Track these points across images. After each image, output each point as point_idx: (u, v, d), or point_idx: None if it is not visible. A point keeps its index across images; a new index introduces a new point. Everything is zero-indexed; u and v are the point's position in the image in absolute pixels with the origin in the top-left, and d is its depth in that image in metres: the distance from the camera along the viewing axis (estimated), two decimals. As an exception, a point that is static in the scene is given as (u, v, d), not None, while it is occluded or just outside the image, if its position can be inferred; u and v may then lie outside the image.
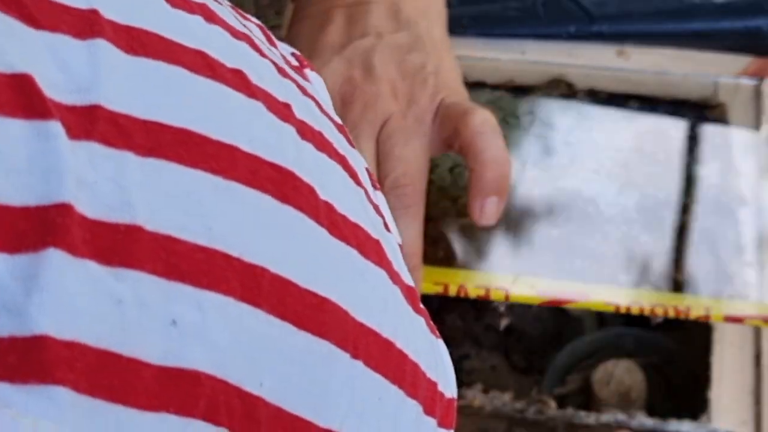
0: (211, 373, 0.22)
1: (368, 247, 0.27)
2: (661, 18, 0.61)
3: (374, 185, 0.31)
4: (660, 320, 0.54)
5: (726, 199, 0.55)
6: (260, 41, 0.27)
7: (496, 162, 0.46)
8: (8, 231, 0.19)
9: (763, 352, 0.53)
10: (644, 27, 0.61)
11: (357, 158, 0.30)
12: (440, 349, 0.32)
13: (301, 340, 0.24)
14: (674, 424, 0.53)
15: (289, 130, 0.25)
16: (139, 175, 0.21)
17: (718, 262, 0.53)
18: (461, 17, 0.62)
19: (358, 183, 0.29)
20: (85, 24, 0.22)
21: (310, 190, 0.25)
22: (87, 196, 0.20)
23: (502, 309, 0.56)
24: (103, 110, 0.21)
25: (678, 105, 0.59)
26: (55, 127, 0.20)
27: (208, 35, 0.24)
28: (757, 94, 0.59)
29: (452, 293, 0.51)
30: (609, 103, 0.59)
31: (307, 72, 0.30)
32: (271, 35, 0.29)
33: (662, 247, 0.54)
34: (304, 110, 0.27)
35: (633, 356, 0.57)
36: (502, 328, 0.58)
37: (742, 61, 0.60)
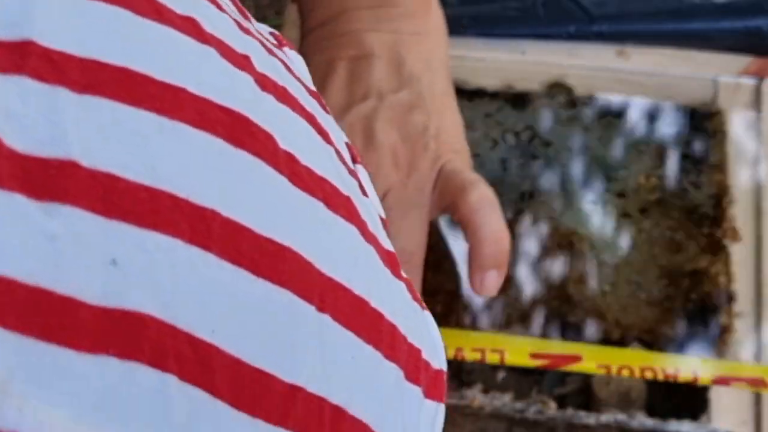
0: (157, 316, 0.21)
1: (337, 201, 0.26)
2: (661, 18, 0.61)
3: (354, 159, 0.30)
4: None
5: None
6: (228, 7, 0.27)
7: (494, 237, 0.47)
8: None
9: (764, 352, 0.53)
10: (644, 27, 0.61)
11: (332, 124, 0.29)
12: (426, 319, 0.32)
13: (259, 289, 0.23)
14: (674, 424, 0.53)
15: (246, 78, 0.25)
16: (74, 111, 0.21)
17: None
18: (461, 17, 0.62)
19: (329, 142, 0.28)
20: None
21: (267, 137, 0.24)
22: (16, 130, 0.20)
23: None
24: (35, 46, 0.20)
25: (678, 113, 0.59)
26: None
27: None
28: (758, 94, 0.59)
29: (449, 356, 0.52)
30: (608, 112, 0.60)
31: (286, 49, 0.30)
32: (247, 12, 0.28)
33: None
34: (268, 66, 0.26)
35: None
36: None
37: (742, 61, 0.60)
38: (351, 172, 0.29)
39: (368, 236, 0.28)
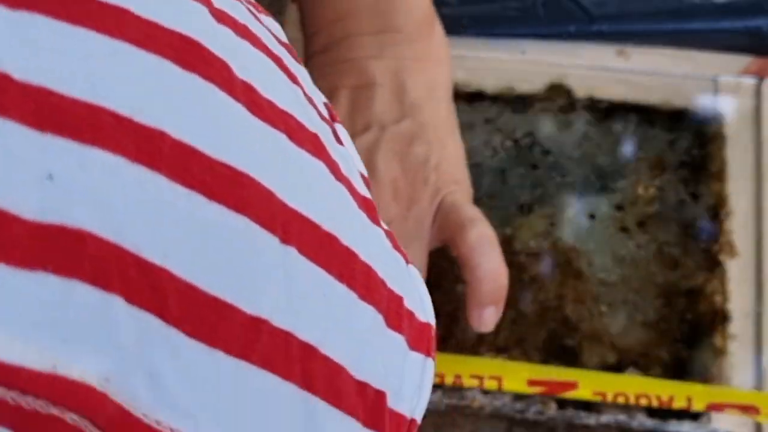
0: (99, 234, 0.21)
1: (302, 136, 0.26)
2: (661, 18, 0.61)
3: (333, 118, 0.30)
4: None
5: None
6: None
7: (492, 275, 0.48)
8: None
9: (764, 352, 0.53)
10: (644, 27, 0.61)
11: (304, 75, 0.29)
12: (412, 272, 0.31)
13: (214, 213, 0.22)
14: (674, 424, 0.53)
15: (200, 9, 0.24)
16: (5, 26, 0.20)
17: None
18: (461, 17, 0.62)
19: (296, 83, 0.27)
20: None
21: (223, 65, 0.24)
22: None
23: None
24: None
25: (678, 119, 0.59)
26: None
27: None
28: (758, 93, 0.59)
29: (448, 383, 0.53)
30: (609, 116, 0.59)
31: (262, 15, 0.29)
32: None
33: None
34: (228, 5, 0.25)
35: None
36: None
37: (743, 60, 0.60)
38: (324, 119, 0.29)
39: (339, 176, 0.28)
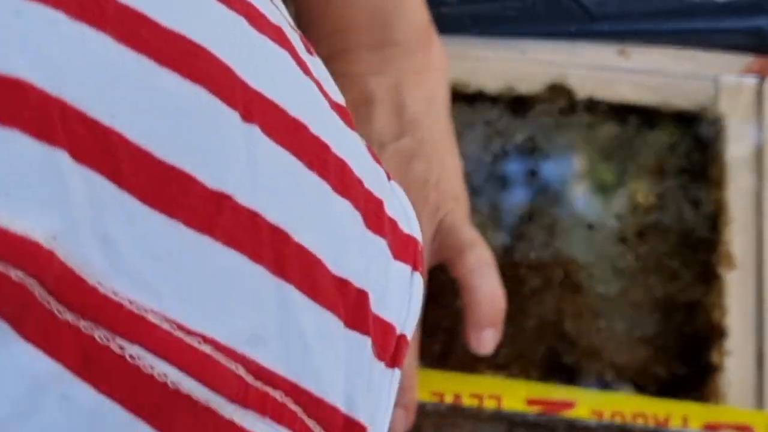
0: (39, 85, 0.20)
1: (263, 23, 0.25)
2: (661, 17, 0.61)
3: (308, 51, 0.29)
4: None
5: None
6: None
7: (490, 298, 0.49)
8: None
9: (765, 353, 0.53)
10: (645, 26, 0.61)
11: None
12: (394, 187, 0.31)
13: (166, 80, 0.22)
14: (675, 427, 0.53)
15: None
16: None
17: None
18: (461, 17, 0.61)
19: None
20: None
21: None
22: None
23: None
24: None
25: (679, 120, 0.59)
26: None
27: None
28: (759, 93, 0.59)
29: (448, 401, 0.53)
30: (609, 118, 0.59)
31: None
32: None
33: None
34: None
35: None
36: None
37: (744, 60, 0.60)
38: (293, 27, 0.28)
39: (308, 73, 0.27)
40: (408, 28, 0.53)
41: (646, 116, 0.59)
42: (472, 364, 0.52)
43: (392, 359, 0.30)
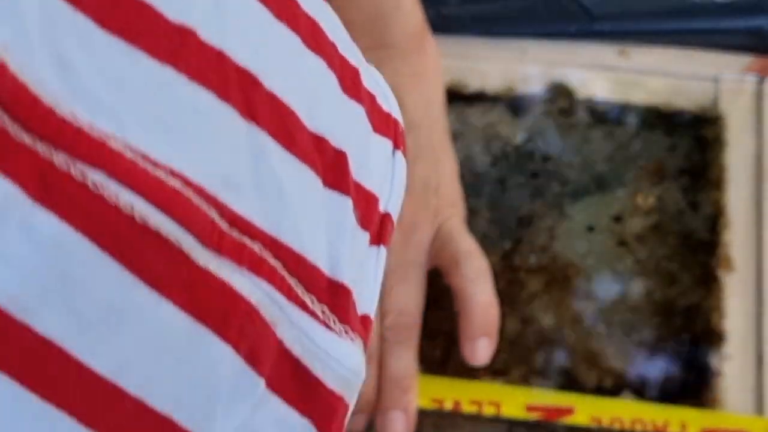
0: None
1: None
2: (661, 17, 0.61)
3: None
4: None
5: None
6: None
7: (485, 308, 0.49)
8: None
9: (764, 357, 0.53)
10: (645, 26, 0.61)
11: None
12: (372, 70, 0.30)
13: None
14: (674, 428, 0.53)
15: None
16: None
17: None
18: (461, 16, 0.61)
19: None
20: None
21: None
22: None
23: None
24: None
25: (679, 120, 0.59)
26: None
27: None
28: (759, 93, 0.59)
29: (447, 408, 0.53)
30: (610, 118, 0.59)
31: None
32: None
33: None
34: None
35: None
36: None
37: (744, 60, 0.60)
38: None
39: None
40: (404, 31, 0.53)
41: (645, 116, 0.59)
42: (471, 369, 0.52)
43: (377, 236, 0.29)
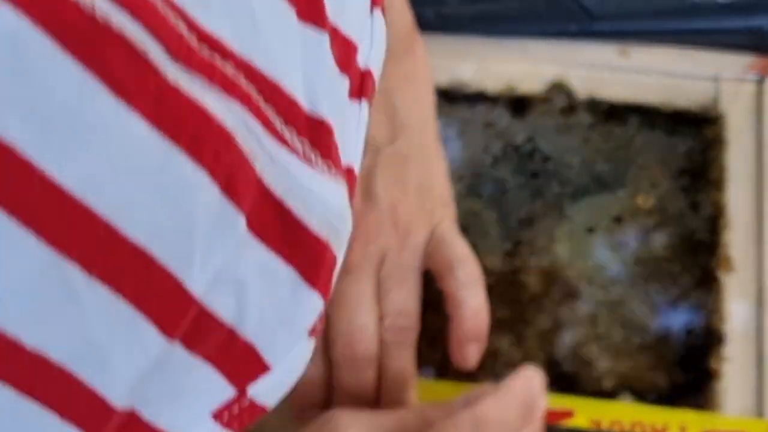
0: None
1: None
2: (662, 17, 0.61)
3: None
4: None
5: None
6: None
7: (475, 313, 0.49)
8: None
9: (764, 359, 0.53)
10: (645, 26, 0.61)
11: None
12: None
13: None
14: (674, 428, 0.53)
15: None
16: None
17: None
18: (461, 16, 0.61)
19: None
20: None
21: None
22: None
23: None
24: None
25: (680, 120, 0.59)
26: None
27: None
28: (759, 93, 0.59)
29: None
30: (610, 118, 0.59)
31: None
32: None
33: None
34: None
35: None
36: None
37: (744, 60, 0.60)
38: None
39: None
40: (394, 32, 0.53)
41: (646, 116, 0.59)
42: (471, 373, 0.52)
43: (359, 89, 0.28)
